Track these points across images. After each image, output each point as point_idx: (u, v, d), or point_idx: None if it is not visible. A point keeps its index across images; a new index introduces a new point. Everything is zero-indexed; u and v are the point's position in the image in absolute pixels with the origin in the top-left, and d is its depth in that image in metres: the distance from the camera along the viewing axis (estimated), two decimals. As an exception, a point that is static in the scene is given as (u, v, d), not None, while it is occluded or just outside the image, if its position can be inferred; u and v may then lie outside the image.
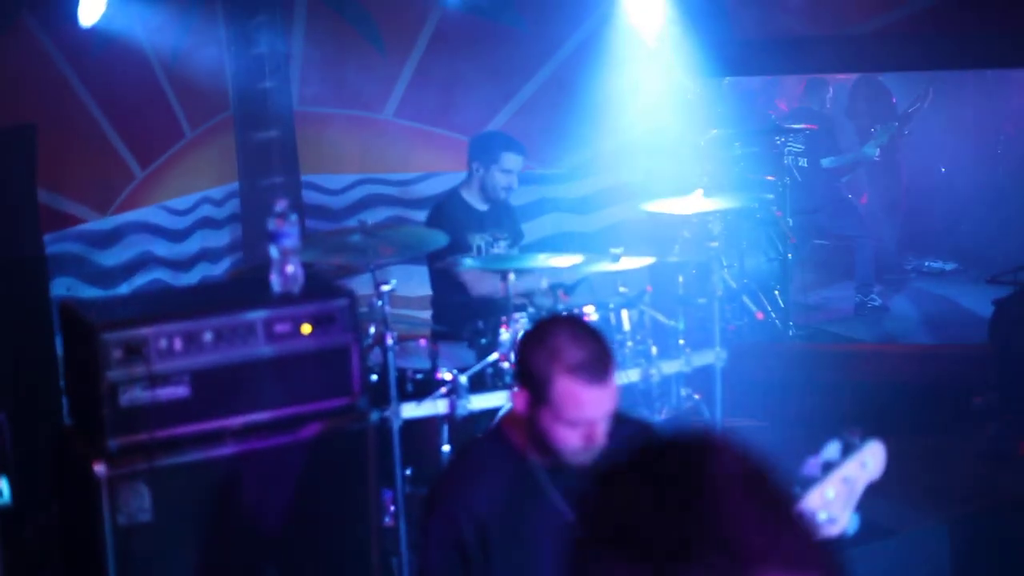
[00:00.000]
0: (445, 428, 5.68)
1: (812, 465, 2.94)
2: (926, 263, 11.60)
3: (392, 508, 5.54)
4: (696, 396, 6.55)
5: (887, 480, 6.63)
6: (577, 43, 9.19)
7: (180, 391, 4.46)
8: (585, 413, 3.32)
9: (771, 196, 9.13)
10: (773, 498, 1.77)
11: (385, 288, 5.55)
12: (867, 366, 8.47)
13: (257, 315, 4.60)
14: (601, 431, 3.36)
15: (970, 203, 11.47)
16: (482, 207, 6.96)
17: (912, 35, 8.33)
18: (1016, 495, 6.79)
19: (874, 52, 8.64)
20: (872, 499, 6.38)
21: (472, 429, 5.57)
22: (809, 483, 2.87)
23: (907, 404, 7.82)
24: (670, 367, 6.29)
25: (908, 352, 8.90)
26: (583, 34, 9.16)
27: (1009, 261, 8.55)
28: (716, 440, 1.80)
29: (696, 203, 7.06)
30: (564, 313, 5.70)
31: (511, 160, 6.92)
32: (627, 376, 5.96)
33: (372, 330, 5.67)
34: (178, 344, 4.47)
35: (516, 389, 3.44)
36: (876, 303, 10.14)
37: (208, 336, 4.52)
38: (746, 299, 8.62)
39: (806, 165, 9.99)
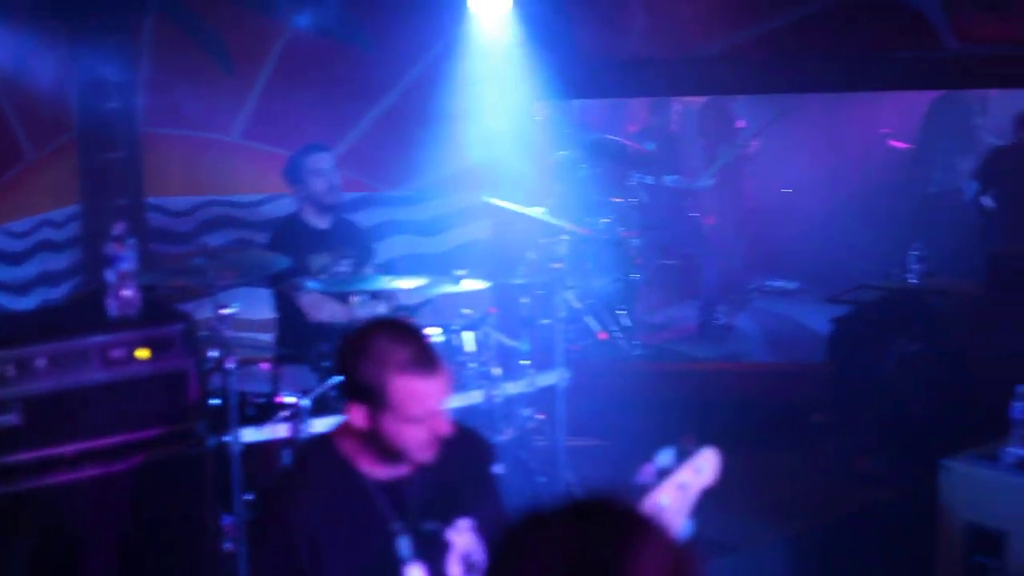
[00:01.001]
0: (287, 452, 5.64)
1: (646, 472, 2.96)
2: (770, 282, 11.82)
3: (233, 533, 5.48)
4: (540, 416, 6.60)
5: (729, 496, 6.74)
6: (426, 65, 9.21)
7: (11, 419, 4.38)
8: (428, 404, 3.35)
9: (611, 218, 9.21)
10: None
11: (226, 312, 5.49)
12: (710, 384, 8.61)
13: (92, 341, 4.55)
14: (445, 419, 3.39)
15: (814, 223, 11.70)
16: (323, 225, 6.91)
17: (757, 58, 8.50)
18: (854, 510, 6.95)
19: (720, 75, 8.79)
20: (713, 515, 6.48)
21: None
22: (643, 490, 2.89)
23: (749, 421, 7.96)
24: (513, 388, 6.33)
25: (750, 370, 9.07)
26: (432, 56, 9.18)
27: (850, 280, 8.76)
28: (645, 518, 1.81)
29: (541, 213, 7.12)
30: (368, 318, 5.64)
31: (318, 159, 6.87)
32: (470, 397, 5.98)
33: (213, 354, 5.61)
34: (10, 371, 4.39)
35: (350, 406, 3.43)
36: (720, 322, 10.30)
37: (41, 362, 4.45)
38: (590, 319, 8.70)
39: (652, 183, 10.11)
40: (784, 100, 11.51)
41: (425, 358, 3.36)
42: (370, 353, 3.36)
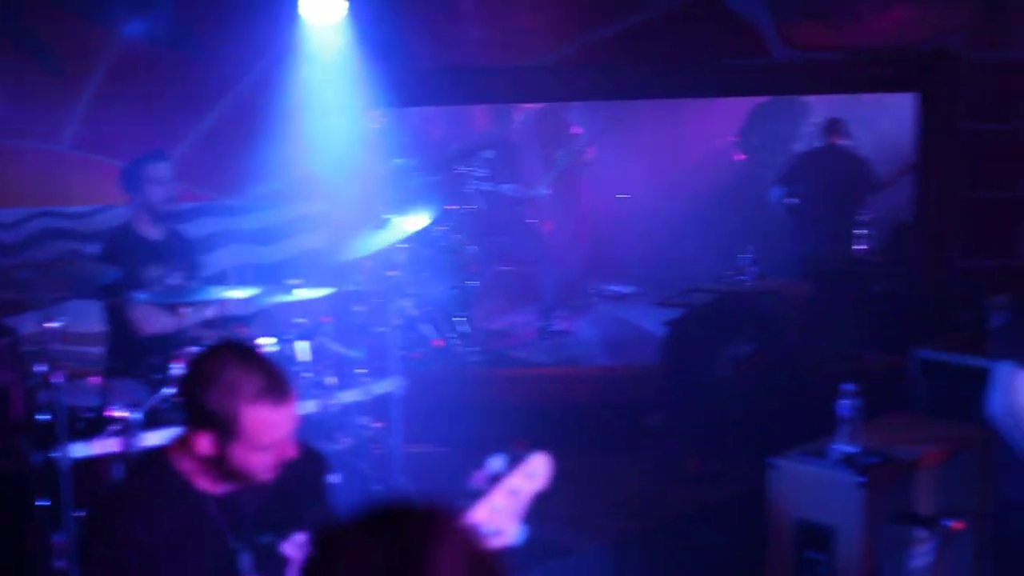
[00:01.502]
0: (118, 467, 5.53)
1: (478, 478, 2.97)
2: (607, 287, 11.94)
3: (63, 551, 5.37)
4: (376, 424, 6.58)
5: (564, 499, 6.80)
6: (259, 74, 9.12)
7: None
8: (280, 433, 3.31)
9: (448, 226, 9.22)
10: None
11: (53, 325, 5.38)
12: (548, 389, 8.66)
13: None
14: (291, 443, 3.36)
15: (651, 228, 11.86)
16: (156, 236, 6.80)
17: (590, 66, 8.58)
18: (688, 510, 7.05)
19: (554, 83, 8.86)
20: (548, 518, 6.53)
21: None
22: (475, 496, 2.90)
23: (585, 425, 8.04)
24: (349, 396, 6.30)
25: (586, 374, 9.14)
26: (265, 65, 9.09)
27: (685, 284, 8.91)
28: (444, 519, 1.82)
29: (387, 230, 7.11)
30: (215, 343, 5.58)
31: (157, 168, 6.75)
32: (305, 407, 5.93)
33: (40, 368, 5.48)
34: None
35: (195, 433, 3.36)
36: (558, 327, 10.37)
37: None
38: (426, 327, 8.70)
39: (491, 190, 10.15)
40: (619, 107, 11.64)
41: (276, 386, 3.31)
42: (219, 382, 3.29)
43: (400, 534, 1.78)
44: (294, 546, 3.47)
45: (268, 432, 3.30)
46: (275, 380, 3.32)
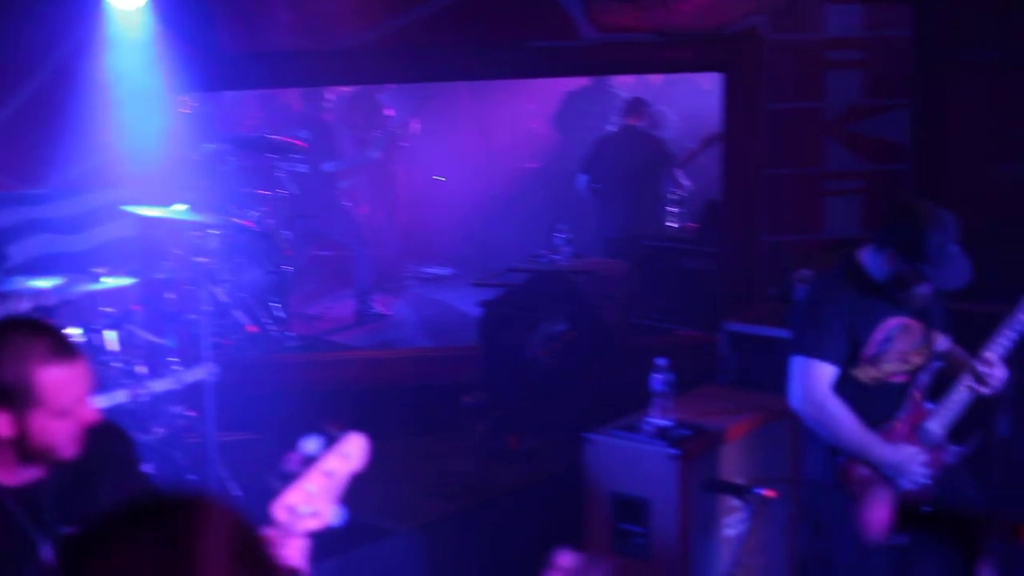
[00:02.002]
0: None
1: (292, 460, 2.94)
2: (425, 269, 11.95)
3: None
4: (190, 413, 6.49)
5: (385, 481, 6.78)
6: (61, 60, 8.87)
7: None
8: (75, 391, 3.24)
9: (261, 211, 9.10)
10: (260, 562, 1.78)
11: None
12: (364, 373, 8.63)
13: None
14: (91, 407, 3.29)
15: (467, 209, 11.89)
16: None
17: (400, 49, 8.54)
18: (506, 488, 7.09)
19: (363, 66, 8.79)
20: (367, 501, 6.51)
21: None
22: (289, 478, 2.87)
23: (403, 407, 8.04)
24: (161, 385, 6.20)
25: (403, 356, 9.14)
26: (69, 49, 8.86)
27: (501, 264, 8.95)
28: (211, 508, 1.79)
29: (182, 213, 7.00)
30: None
31: None
32: (115, 397, 5.82)
33: None
34: None
35: None
36: (376, 311, 10.35)
37: None
38: (239, 313, 8.58)
39: (306, 171, 10.03)
40: (433, 88, 11.64)
41: (63, 345, 3.26)
42: (7, 352, 3.22)
43: (166, 525, 1.76)
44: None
45: (64, 391, 3.22)
46: (61, 340, 3.28)
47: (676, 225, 10.02)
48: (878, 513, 2.02)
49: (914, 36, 8.49)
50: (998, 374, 5.00)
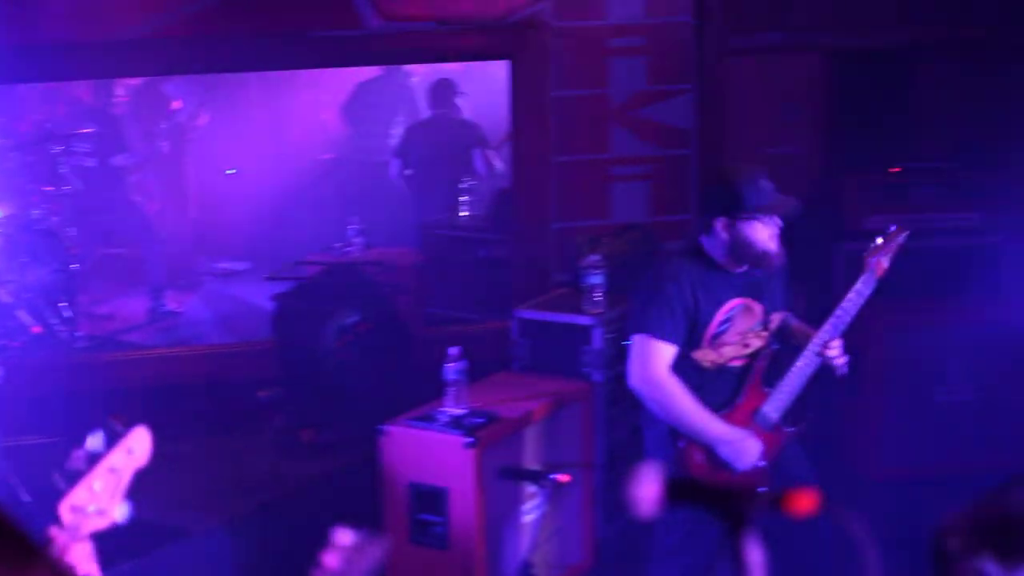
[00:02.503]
0: None
1: (76, 458, 2.89)
2: (219, 264, 11.80)
3: None
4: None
5: (179, 481, 6.68)
6: None
7: None
8: None
9: (44, 208, 8.86)
10: (18, 554, 1.75)
11: None
12: (157, 371, 8.46)
13: None
14: None
15: (260, 203, 11.76)
16: None
17: (182, 39, 8.37)
18: (303, 482, 7.06)
19: (144, 57, 8.59)
20: (165, 501, 6.41)
21: None
22: (74, 477, 2.82)
23: (199, 405, 7.94)
24: (-58, 392, 6.02)
25: (197, 354, 8.99)
26: None
27: (294, 258, 8.89)
28: (32, 549, 1.74)
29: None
30: None
31: None
32: None
33: None
34: None
35: None
36: (168, 308, 10.18)
37: None
38: (24, 314, 8.35)
39: (93, 166, 9.78)
40: (219, 80, 11.49)
41: None
42: None
43: None
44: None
45: None
46: None
47: (468, 213, 10.07)
48: (645, 490, 2.07)
49: (695, 22, 8.67)
50: (838, 351, 5.11)
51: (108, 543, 2.78)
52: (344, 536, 2.55)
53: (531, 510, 5.67)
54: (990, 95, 8.90)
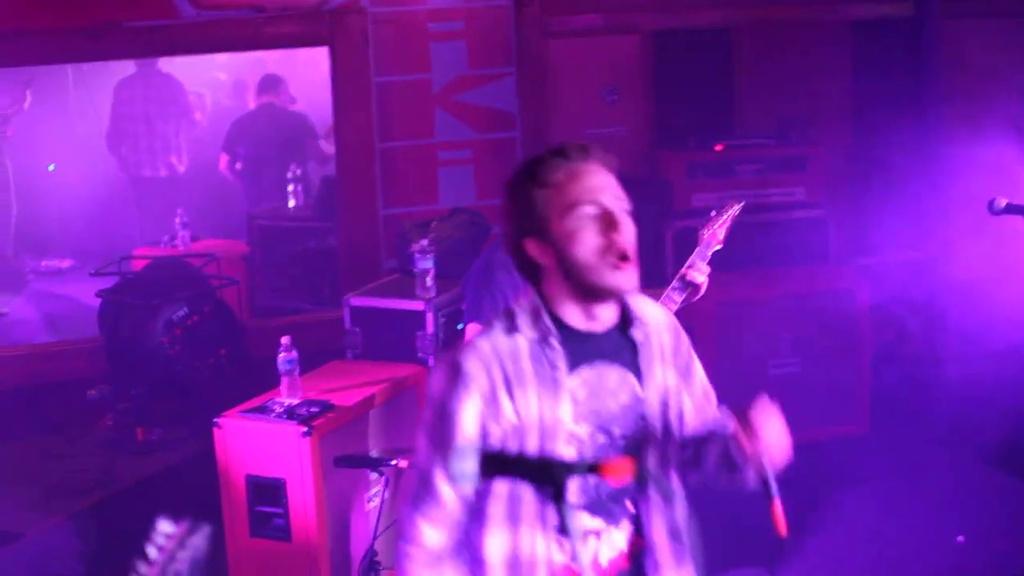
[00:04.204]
0: None
1: None
2: (43, 263, 11.58)
3: None
4: None
5: (10, 485, 6.55)
6: None
7: None
8: None
9: None
10: None
11: None
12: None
13: None
14: None
15: (81, 197, 11.55)
16: None
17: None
18: (138, 480, 6.98)
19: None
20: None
21: None
22: None
23: (28, 407, 7.79)
24: None
25: (24, 354, 8.80)
26: None
27: (117, 251, 8.75)
28: None
29: None
30: None
31: None
32: None
33: None
34: None
35: None
36: (-7, 309, 9.98)
37: None
38: None
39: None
40: (35, 73, 11.24)
41: None
42: None
43: None
44: None
45: None
46: None
47: (294, 203, 10.03)
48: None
49: (514, 4, 8.73)
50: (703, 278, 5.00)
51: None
52: (166, 527, 2.53)
53: (374, 497, 5.69)
54: (806, 73, 9.18)
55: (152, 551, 2.44)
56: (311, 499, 5.41)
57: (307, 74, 11.70)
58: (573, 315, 3.06)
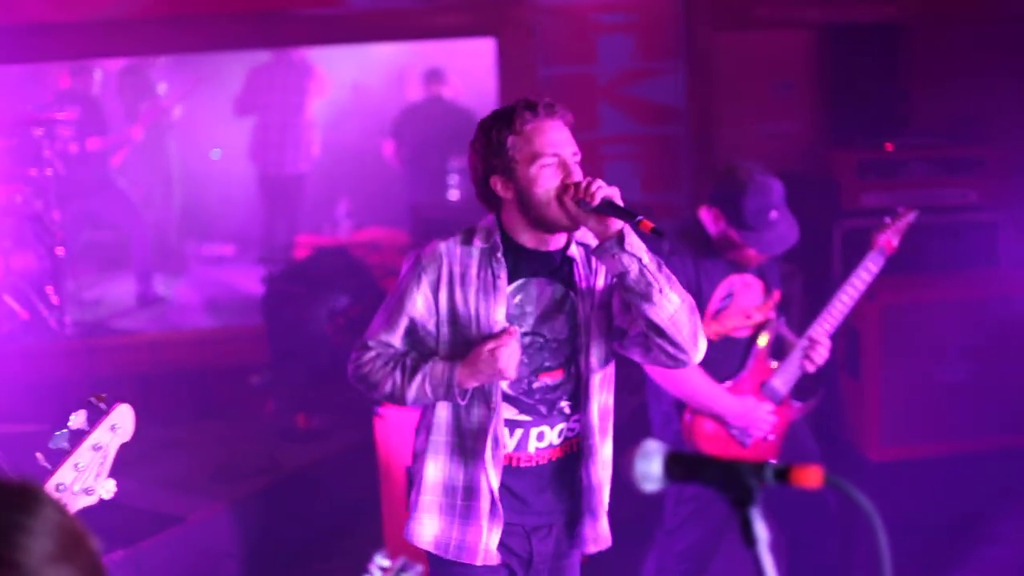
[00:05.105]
0: None
1: (59, 437, 2.87)
2: (206, 248, 11.75)
3: None
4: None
5: (175, 467, 6.62)
6: None
7: None
8: None
9: (27, 192, 8.71)
10: (88, 556, 1.77)
11: None
12: (147, 357, 8.37)
13: None
14: None
15: (245, 185, 11.69)
16: None
17: (161, 19, 8.27)
18: (299, 467, 7.01)
19: (127, 37, 8.51)
20: (159, 488, 6.35)
21: None
22: (58, 456, 2.81)
23: (190, 390, 7.89)
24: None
25: (187, 338, 8.93)
26: None
27: (278, 239, 8.82)
28: (33, 494, 1.74)
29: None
30: None
31: None
32: None
33: None
34: None
35: None
36: (157, 293, 10.11)
37: None
38: (11, 300, 8.27)
39: (76, 150, 9.64)
40: (206, 64, 11.37)
41: None
42: None
43: None
44: None
45: None
46: None
47: (457, 196, 10.04)
48: (650, 465, 2.06)
49: (683, -1, 8.63)
50: (822, 352, 5.07)
51: (102, 530, 2.74)
52: (383, 562, 2.50)
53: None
54: (979, 69, 8.88)
55: None
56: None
57: (462, 65, 11.67)
58: (524, 238, 3.73)
